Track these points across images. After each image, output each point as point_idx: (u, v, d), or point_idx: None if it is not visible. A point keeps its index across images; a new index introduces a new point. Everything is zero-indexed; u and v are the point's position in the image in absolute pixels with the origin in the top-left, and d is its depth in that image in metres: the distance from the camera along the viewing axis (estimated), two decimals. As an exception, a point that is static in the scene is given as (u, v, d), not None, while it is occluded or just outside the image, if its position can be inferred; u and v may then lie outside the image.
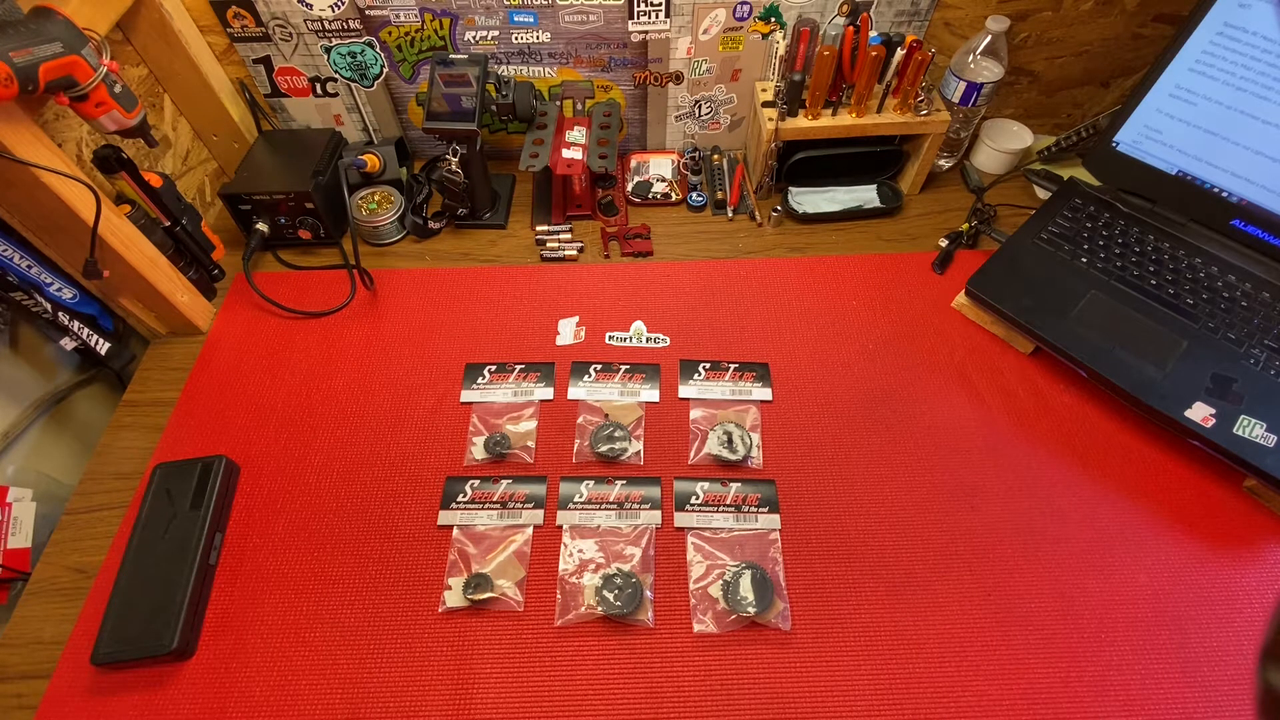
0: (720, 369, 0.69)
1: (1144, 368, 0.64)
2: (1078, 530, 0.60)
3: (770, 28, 0.80)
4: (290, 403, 0.69)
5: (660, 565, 0.59)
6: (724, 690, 0.53)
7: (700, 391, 0.69)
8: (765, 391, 0.69)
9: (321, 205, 0.78)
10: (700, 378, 0.70)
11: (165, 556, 0.57)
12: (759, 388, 0.69)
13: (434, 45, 0.81)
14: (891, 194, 0.86)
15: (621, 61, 0.83)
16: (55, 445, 0.70)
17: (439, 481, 0.63)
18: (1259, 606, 0.56)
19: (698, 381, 0.70)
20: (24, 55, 0.49)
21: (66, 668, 0.54)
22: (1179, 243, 0.72)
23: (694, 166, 0.91)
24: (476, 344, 0.74)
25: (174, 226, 0.71)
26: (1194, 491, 0.63)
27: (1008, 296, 0.70)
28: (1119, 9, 0.81)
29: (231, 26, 0.78)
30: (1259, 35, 0.64)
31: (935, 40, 0.84)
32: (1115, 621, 0.56)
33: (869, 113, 0.79)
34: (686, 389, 0.70)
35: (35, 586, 0.59)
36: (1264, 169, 0.67)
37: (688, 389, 0.70)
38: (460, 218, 0.85)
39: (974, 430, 0.67)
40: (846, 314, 0.76)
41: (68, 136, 0.65)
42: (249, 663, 0.54)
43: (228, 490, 0.62)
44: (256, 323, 0.76)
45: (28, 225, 0.62)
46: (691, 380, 0.70)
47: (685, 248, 0.83)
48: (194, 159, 0.84)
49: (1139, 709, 0.52)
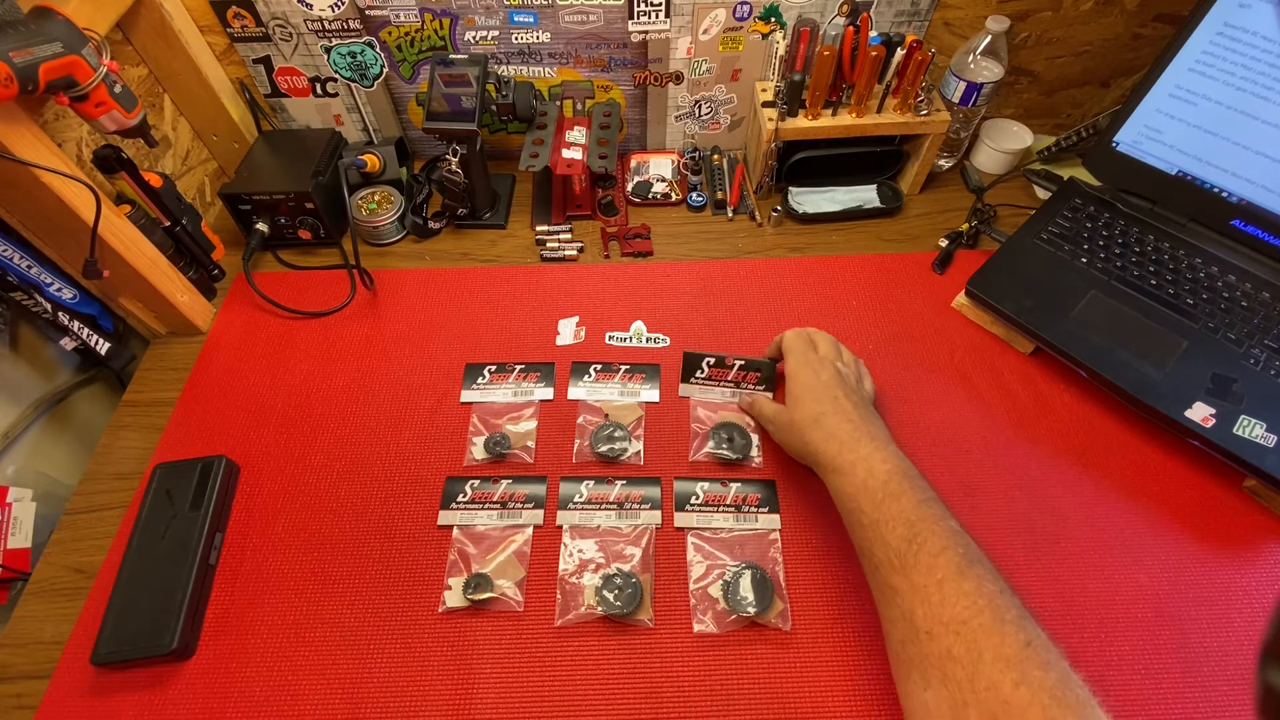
0: (724, 366, 0.69)
1: (1144, 368, 0.64)
2: (1078, 530, 0.60)
3: (770, 28, 0.80)
4: (290, 403, 0.69)
5: (660, 565, 0.59)
6: (724, 690, 0.53)
7: (702, 393, 0.69)
8: (766, 394, 0.69)
9: (321, 205, 0.78)
10: (703, 375, 0.69)
11: (165, 556, 0.57)
12: (760, 390, 0.69)
13: (434, 45, 0.81)
14: (891, 194, 0.86)
15: (621, 61, 0.83)
16: (55, 445, 0.70)
17: (439, 481, 0.63)
18: (1259, 606, 0.56)
19: (700, 380, 0.69)
20: (24, 55, 0.49)
21: (66, 668, 0.54)
22: (1179, 243, 0.72)
23: (694, 166, 0.91)
24: (476, 344, 0.74)
25: (174, 226, 0.71)
26: (1194, 491, 0.63)
27: (1008, 296, 0.70)
28: (1119, 9, 0.81)
29: (231, 26, 0.78)
30: (1259, 35, 0.64)
31: (935, 40, 0.84)
32: (1115, 621, 0.56)
33: (869, 113, 0.79)
34: (688, 388, 0.70)
35: (35, 586, 0.59)
36: (1264, 169, 0.67)
37: (689, 388, 0.70)
38: (460, 218, 0.85)
39: (974, 430, 0.67)
40: (846, 314, 0.76)
41: (68, 136, 0.65)
42: (249, 663, 0.54)
43: (228, 490, 0.62)
44: (256, 323, 0.76)
45: (28, 225, 0.62)
46: (694, 379, 0.70)
47: (685, 248, 0.83)
48: (194, 159, 0.84)
49: (1139, 709, 0.52)
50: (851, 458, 0.53)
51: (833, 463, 0.53)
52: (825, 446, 0.55)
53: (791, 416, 0.59)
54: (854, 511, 0.51)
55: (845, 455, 0.53)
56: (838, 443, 0.54)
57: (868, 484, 0.51)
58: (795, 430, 0.58)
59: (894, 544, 0.47)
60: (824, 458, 0.54)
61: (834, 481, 0.53)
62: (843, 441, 0.54)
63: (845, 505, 0.52)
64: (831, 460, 0.54)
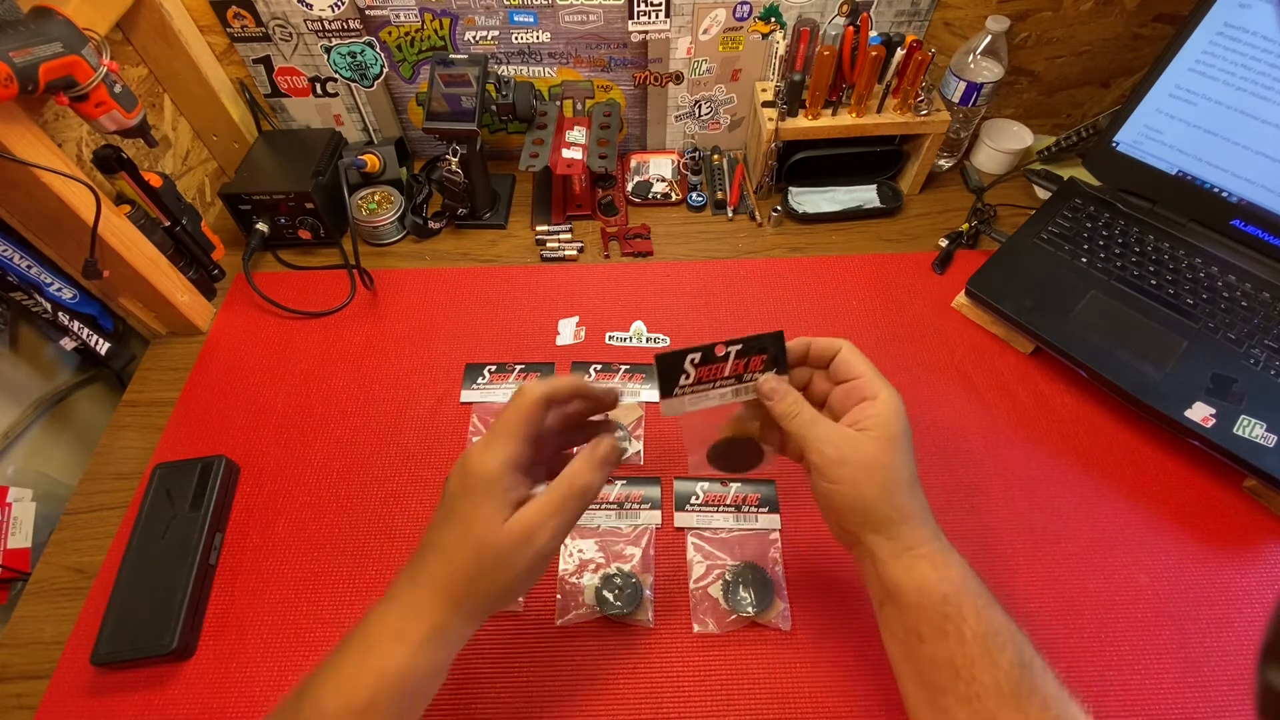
0: (716, 360, 0.59)
1: (1144, 368, 0.64)
2: (1078, 530, 0.60)
3: (770, 28, 0.80)
4: (290, 403, 0.69)
5: (660, 565, 0.59)
6: (724, 690, 0.53)
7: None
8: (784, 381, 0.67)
9: (321, 205, 0.78)
10: (689, 381, 0.62)
11: (165, 556, 0.57)
12: (772, 375, 0.68)
13: (434, 45, 0.81)
14: (891, 194, 0.86)
15: (621, 61, 0.83)
16: (55, 445, 0.70)
17: (439, 482, 0.63)
18: (1259, 606, 0.56)
19: (687, 389, 0.62)
20: (24, 55, 0.49)
21: (66, 668, 0.54)
22: (1179, 243, 0.72)
23: (694, 166, 0.91)
24: (476, 344, 0.74)
25: (174, 226, 0.71)
26: (1194, 491, 0.63)
27: (1008, 296, 0.70)
28: (1119, 9, 0.81)
29: (231, 26, 0.78)
30: (1259, 35, 0.64)
31: (935, 40, 0.84)
32: (1115, 621, 0.56)
33: (869, 113, 0.79)
34: (674, 404, 0.64)
35: (35, 586, 0.59)
36: (1264, 169, 0.67)
37: (676, 404, 0.64)
38: (460, 218, 0.85)
39: (974, 430, 0.67)
40: (846, 314, 0.76)
41: (68, 136, 0.65)
42: (249, 663, 0.54)
43: (228, 490, 0.62)
44: (256, 323, 0.76)
45: (28, 225, 0.62)
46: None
47: (685, 248, 0.83)
48: (194, 159, 0.84)
49: (1139, 709, 0.52)
50: (945, 548, 0.40)
51: (926, 544, 0.40)
52: (923, 518, 0.41)
53: (882, 457, 0.40)
54: (948, 619, 0.38)
55: (941, 544, 0.40)
56: (933, 527, 0.41)
57: (967, 584, 0.39)
58: (881, 475, 0.40)
59: (1005, 667, 0.36)
60: (911, 531, 0.40)
61: (917, 570, 0.39)
62: (935, 527, 0.42)
63: (933, 610, 0.38)
64: (925, 539, 0.40)
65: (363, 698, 0.36)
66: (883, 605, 0.41)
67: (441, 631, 0.38)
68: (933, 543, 0.40)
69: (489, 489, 0.38)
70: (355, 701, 0.36)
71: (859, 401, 0.43)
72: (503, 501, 0.38)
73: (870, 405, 0.42)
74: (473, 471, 0.38)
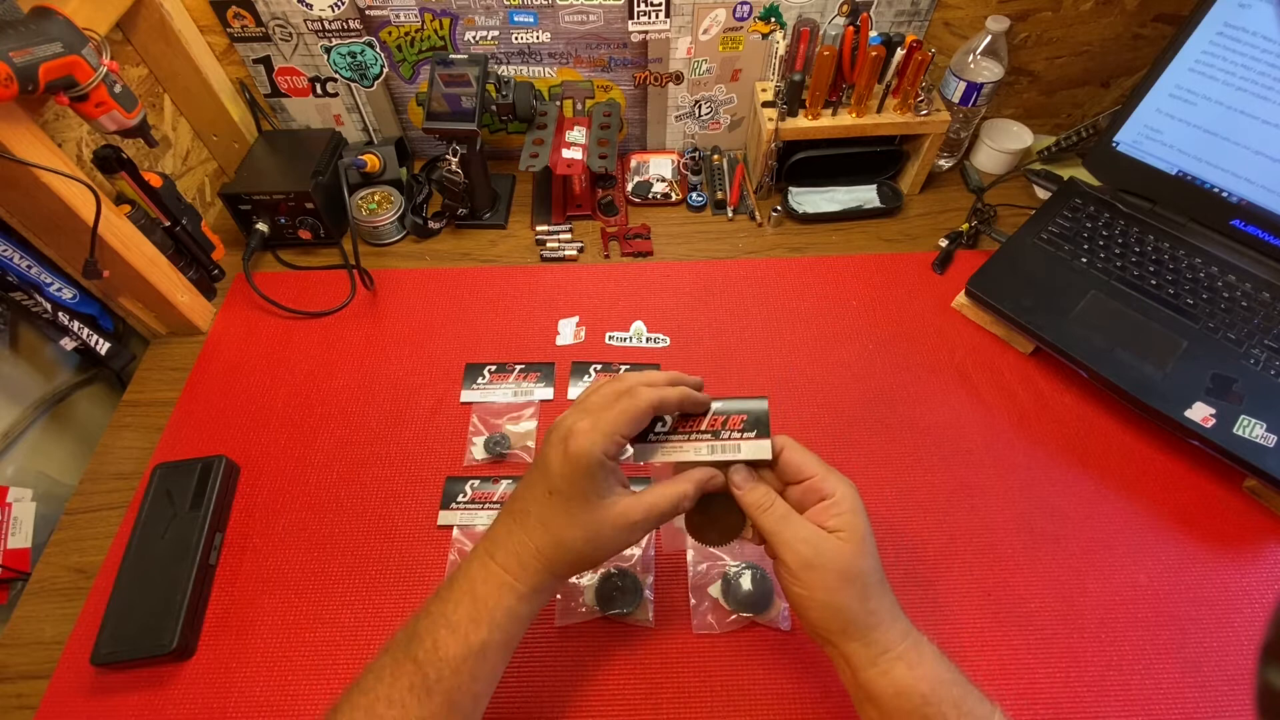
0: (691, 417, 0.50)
1: (1144, 368, 0.64)
2: (1078, 530, 0.60)
3: (770, 28, 0.80)
4: (290, 403, 0.69)
5: (660, 565, 0.59)
6: (724, 690, 0.53)
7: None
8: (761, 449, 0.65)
9: (321, 205, 0.78)
10: (664, 429, 0.56)
11: (165, 556, 0.57)
12: (750, 441, 0.66)
13: (434, 45, 0.81)
14: (891, 194, 0.86)
15: (621, 61, 0.83)
16: (55, 445, 0.70)
17: (439, 482, 0.63)
18: (1259, 606, 0.56)
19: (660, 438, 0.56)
20: (24, 55, 0.49)
21: (66, 668, 0.54)
22: (1179, 243, 0.72)
23: (694, 166, 0.91)
24: (476, 344, 0.74)
25: (174, 226, 0.71)
26: (1194, 491, 0.63)
27: (1008, 296, 0.70)
28: (1119, 9, 0.81)
29: (231, 26, 0.78)
30: (1259, 35, 0.64)
31: (935, 40, 0.84)
32: (1115, 621, 0.56)
33: (869, 113, 0.79)
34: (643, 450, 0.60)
35: (35, 586, 0.59)
36: (1264, 169, 0.67)
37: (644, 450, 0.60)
38: (460, 218, 0.85)
39: (974, 430, 0.67)
40: (846, 314, 0.76)
41: (68, 136, 0.65)
42: (249, 663, 0.54)
43: (228, 490, 0.62)
44: (256, 323, 0.76)
45: (28, 225, 0.62)
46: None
47: (685, 248, 0.83)
48: (194, 159, 0.84)
49: (1139, 709, 0.52)
50: (916, 642, 0.42)
51: (899, 643, 0.41)
52: (894, 615, 0.42)
53: (857, 563, 0.41)
54: (929, 719, 0.39)
55: (912, 638, 0.42)
56: (904, 623, 0.42)
57: (942, 678, 0.40)
58: (858, 582, 0.41)
59: None
60: (884, 634, 0.41)
61: (895, 673, 0.40)
62: (905, 622, 0.43)
63: (914, 712, 0.40)
64: (898, 638, 0.41)
65: (478, 640, 0.41)
66: (863, 705, 0.43)
67: (541, 587, 0.43)
68: (905, 640, 0.41)
69: (597, 475, 0.41)
70: (473, 643, 0.41)
71: (817, 501, 0.43)
72: (606, 487, 0.42)
73: (832, 505, 0.43)
74: (580, 455, 0.41)
